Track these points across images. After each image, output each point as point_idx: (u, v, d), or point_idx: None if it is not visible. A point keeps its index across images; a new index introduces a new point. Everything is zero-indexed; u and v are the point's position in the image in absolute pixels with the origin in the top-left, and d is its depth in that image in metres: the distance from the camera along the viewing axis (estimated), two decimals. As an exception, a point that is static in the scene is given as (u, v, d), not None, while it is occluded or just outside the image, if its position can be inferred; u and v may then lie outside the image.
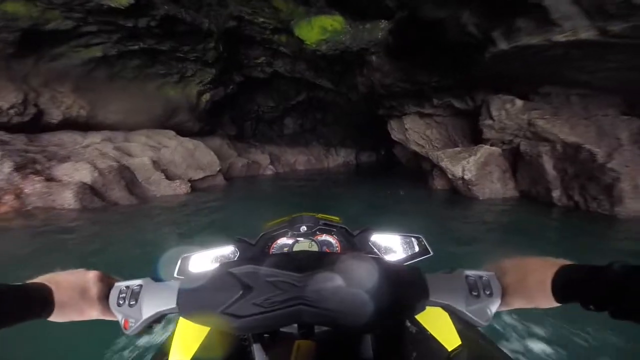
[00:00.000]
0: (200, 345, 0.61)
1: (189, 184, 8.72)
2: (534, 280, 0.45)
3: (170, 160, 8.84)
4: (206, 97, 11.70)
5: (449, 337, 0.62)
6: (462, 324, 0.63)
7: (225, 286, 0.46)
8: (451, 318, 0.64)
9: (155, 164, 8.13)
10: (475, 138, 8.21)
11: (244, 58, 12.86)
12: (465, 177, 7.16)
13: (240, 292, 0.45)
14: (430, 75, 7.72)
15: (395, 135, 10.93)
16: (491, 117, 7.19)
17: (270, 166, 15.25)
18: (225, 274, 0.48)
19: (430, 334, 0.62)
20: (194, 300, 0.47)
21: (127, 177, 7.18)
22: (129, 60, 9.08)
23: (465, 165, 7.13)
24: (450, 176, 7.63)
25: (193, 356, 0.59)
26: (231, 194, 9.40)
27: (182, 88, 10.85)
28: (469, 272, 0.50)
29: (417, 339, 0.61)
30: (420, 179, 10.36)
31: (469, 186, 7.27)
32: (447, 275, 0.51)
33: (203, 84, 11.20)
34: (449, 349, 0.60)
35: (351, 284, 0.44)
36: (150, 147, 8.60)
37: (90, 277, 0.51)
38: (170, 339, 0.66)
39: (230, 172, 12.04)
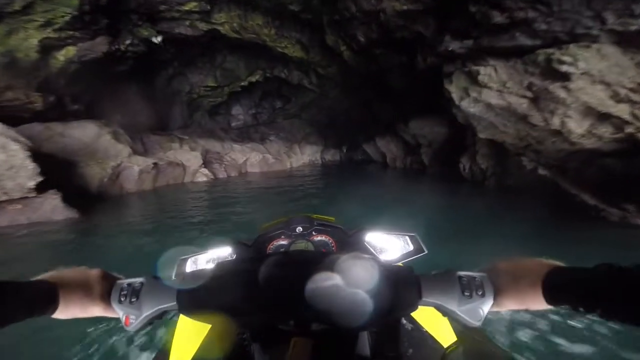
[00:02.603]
0: (200, 345, 0.62)
1: None
2: (525, 283, 0.45)
3: None
4: (66, 52, 6.69)
5: (444, 334, 0.63)
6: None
7: (223, 284, 0.48)
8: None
9: None
10: None
11: (160, 1, 8.00)
12: None
13: (238, 290, 0.47)
14: None
15: (487, 97, 4.82)
16: None
17: (205, 169, 10.48)
18: (223, 272, 0.50)
19: (426, 331, 0.64)
20: (193, 297, 0.48)
21: None
22: None
23: None
24: None
25: (193, 356, 0.61)
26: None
27: (4, 35, 5.76)
28: (461, 273, 0.49)
29: (413, 335, 0.63)
30: (507, 192, 5.86)
31: None
32: (440, 275, 0.50)
33: (55, 28, 6.19)
34: (445, 346, 0.62)
35: (348, 283, 0.44)
36: None
37: (93, 275, 0.52)
38: (170, 339, 0.67)
39: (119, 183, 7.15)
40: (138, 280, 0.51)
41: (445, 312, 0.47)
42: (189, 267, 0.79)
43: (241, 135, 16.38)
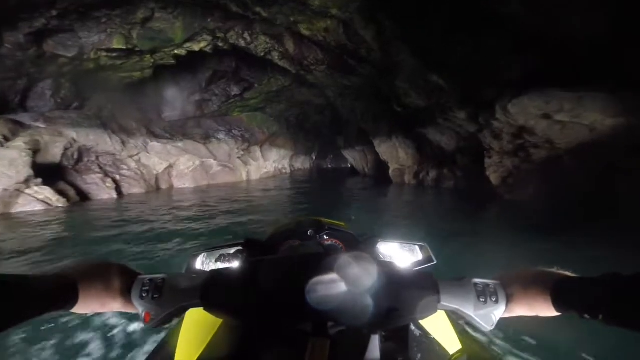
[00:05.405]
0: (210, 341, 0.60)
1: None
2: (536, 290, 0.47)
3: None
4: None
5: (450, 342, 0.64)
6: (461, 330, 0.67)
7: (247, 282, 0.49)
8: (451, 323, 0.66)
9: None
10: None
11: None
12: None
13: (260, 288, 0.48)
14: None
15: None
16: None
17: (45, 189, 5.33)
18: (247, 270, 0.51)
19: (433, 338, 0.65)
20: (217, 294, 0.49)
21: None
22: None
23: None
24: None
25: (202, 352, 0.59)
26: None
27: None
28: (477, 280, 0.51)
29: (421, 341, 0.64)
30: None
31: None
32: (457, 281, 0.52)
33: None
34: (451, 353, 0.62)
35: (356, 285, 0.46)
36: None
37: (114, 270, 0.51)
38: (174, 333, 0.65)
39: None
40: (160, 276, 0.51)
41: (461, 316, 0.49)
42: (199, 263, 0.79)
43: (173, 130, 11.26)
